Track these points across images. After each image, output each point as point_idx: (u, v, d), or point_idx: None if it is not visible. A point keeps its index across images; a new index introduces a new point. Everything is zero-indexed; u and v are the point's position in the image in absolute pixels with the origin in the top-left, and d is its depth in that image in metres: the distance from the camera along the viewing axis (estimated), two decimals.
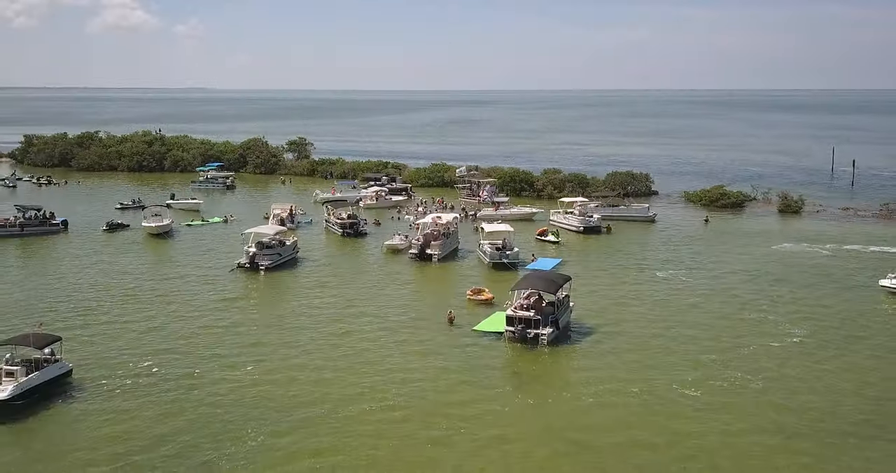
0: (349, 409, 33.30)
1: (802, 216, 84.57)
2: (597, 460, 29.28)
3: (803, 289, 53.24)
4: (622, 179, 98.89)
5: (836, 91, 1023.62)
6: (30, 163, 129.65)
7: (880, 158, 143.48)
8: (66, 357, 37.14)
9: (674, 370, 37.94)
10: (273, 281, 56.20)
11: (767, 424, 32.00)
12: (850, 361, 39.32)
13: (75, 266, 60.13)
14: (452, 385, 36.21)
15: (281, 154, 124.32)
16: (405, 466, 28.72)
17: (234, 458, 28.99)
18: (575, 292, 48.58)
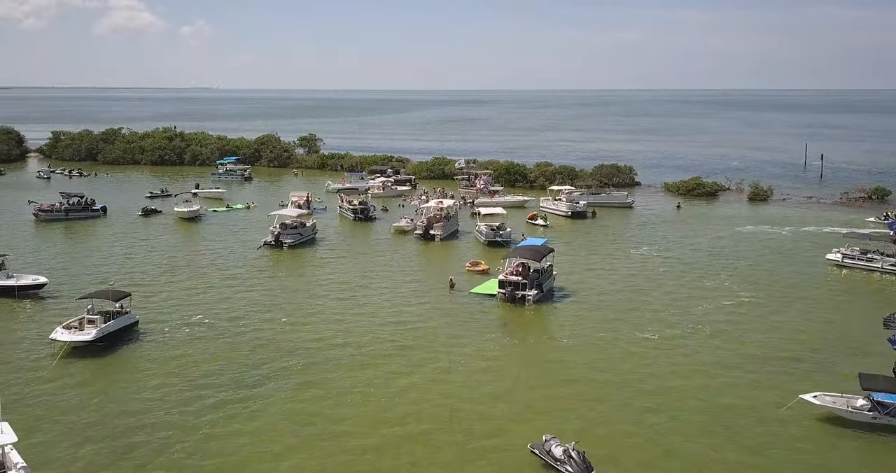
0: (369, 348, 40.24)
1: (769, 203, 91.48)
2: (567, 376, 36.22)
3: (758, 262, 60.26)
4: (608, 171, 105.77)
5: (830, 91, 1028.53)
6: (57, 157, 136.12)
7: (854, 154, 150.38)
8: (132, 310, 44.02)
9: (637, 321, 44.87)
10: (295, 256, 63.08)
11: (708, 358, 38.96)
12: (786, 314, 46.24)
13: (120, 244, 66.99)
14: (454, 331, 43.11)
15: (293, 149, 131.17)
16: (422, 381, 35.66)
17: (281, 377, 35.90)
18: (558, 263, 55.48)
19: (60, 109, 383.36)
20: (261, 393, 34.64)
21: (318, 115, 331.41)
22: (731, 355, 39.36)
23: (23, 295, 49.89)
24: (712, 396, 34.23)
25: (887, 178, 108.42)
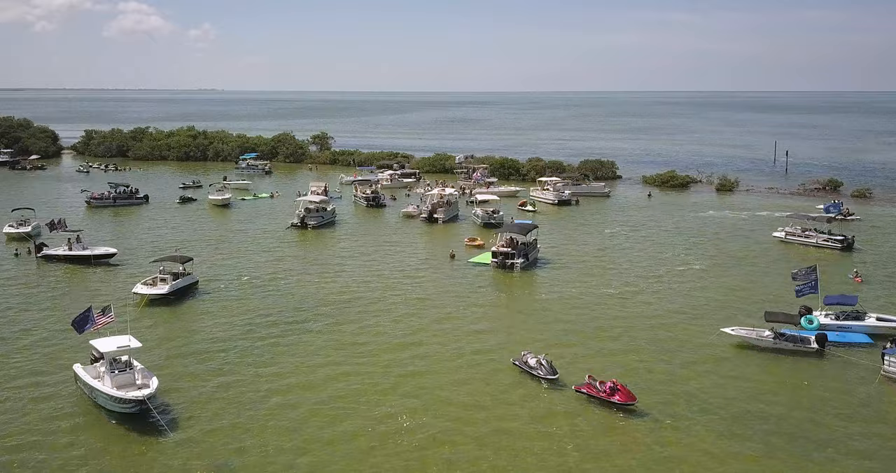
0: (386, 299, 48.86)
1: (735, 193, 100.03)
2: (544, 318, 44.80)
3: (714, 239, 68.92)
4: (592, 166, 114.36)
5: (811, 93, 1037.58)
6: (90, 154, 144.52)
7: (819, 151, 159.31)
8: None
9: (603, 281, 53.56)
10: (319, 235, 71.62)
11: (658, 306, 47.56)
12: (727, 277, 54.76)
13: (166, 225, 75.51)
14: (454, 288, 51.73)
15: (306, 146, 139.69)
16: (429, 320, 44.18)
17: (317, 318, 44.50)
18: (544, 240, 64.13)
19: (78, 110, 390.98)
20: (303, 327, 43.25)
21: (324, 116, 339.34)
22: (676, 304, 48.01)
23: (97, 262, 58.56)
24: (658, 331, 42.78)
25: (843, 172, 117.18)
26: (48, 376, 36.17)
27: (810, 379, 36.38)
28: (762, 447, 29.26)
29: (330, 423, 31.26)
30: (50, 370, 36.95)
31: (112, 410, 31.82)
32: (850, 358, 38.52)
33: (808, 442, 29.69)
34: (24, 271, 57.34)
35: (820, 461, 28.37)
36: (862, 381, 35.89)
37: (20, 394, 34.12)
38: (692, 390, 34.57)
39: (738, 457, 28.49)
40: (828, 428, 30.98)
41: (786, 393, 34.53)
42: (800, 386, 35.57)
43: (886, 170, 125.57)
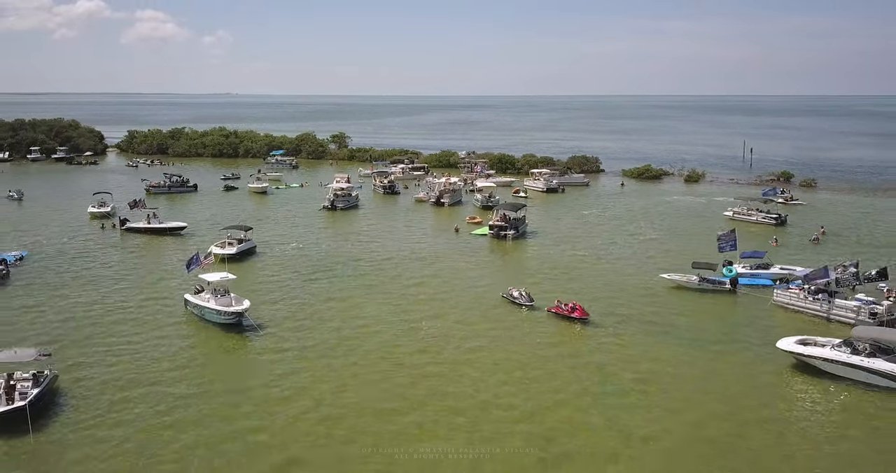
0: (404, 258, 60.40)
1: (700, 184, 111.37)
2: (528, 270, 56.27)
3: (672, 217, 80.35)
4: (578, 161, 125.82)
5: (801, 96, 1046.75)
6: (133, 151, 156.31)
7: (786, 149, 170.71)
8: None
9: (575, 245, 65.16)
10: (346, 215, 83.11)
11: (615, 261, 59.04)
12: (675, 243, 66.08)
13: (216, 207, 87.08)
14: (457, 252, 63.24)
15: (326, 144, 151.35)
16: (438, 271, 55.62)
17: (354, 269, 56.02)
18: (532, 219, 75.58)
19: (106, 113, 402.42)
20: (343, 274, 54.91)
21: (337, 118, 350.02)
22: (628, 260, 59.56)
23: (171, 233, 70.20)
24: (610, 276, 54.33)
25: (800, 167, 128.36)
26: (166, 302, 47.81)
27: (721, 306, 47.90)
28: (674, 343, 40.64)
29: (368, 326, 42.78)
30: (163, 297, 48.58)
31: (215, 321, 43.29)
32: (753, 295, 49.98)
33: (707, 342, 40.97)
34: (111, 241, 68.90)
35: (715, 350, 39.62)
36: (757, 308, 47.35)
37: (149, 309, 45.78)
38: (631, 312, 46.03)
39: (653, 347, 39.91)
40: (725, 334, 42.38)
41: (700, 315, 45.95)
42: (711, 311, 47.05)
43: (837, 164, 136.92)
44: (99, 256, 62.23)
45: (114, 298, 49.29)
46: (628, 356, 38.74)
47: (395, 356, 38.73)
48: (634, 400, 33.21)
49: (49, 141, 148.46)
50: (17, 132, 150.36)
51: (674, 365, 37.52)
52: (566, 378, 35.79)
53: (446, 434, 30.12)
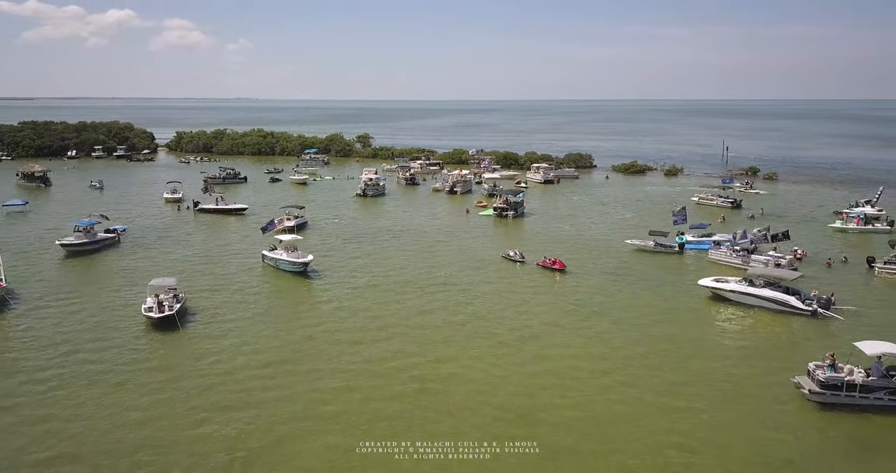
0: (423, 232, 72.58)
1: (678, 177, 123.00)
2: (525, 239, 68.30)
3: (646, 203, 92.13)
4: (573, 157, 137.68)
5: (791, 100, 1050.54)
6: (181, 150, 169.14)
7: (761, 148, 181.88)
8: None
9: (564, 222, 77.09)
10: (375, 201, 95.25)
11: (594, 231, 70.99)
12: (648, 220, 77.62)
13: (266, 195, 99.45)
14: (467, 229, 75.38)
15: (353, 144, 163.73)
16: (450, 239, 67.73)
17: (385, 238, 68.24)
18: (530, 204, 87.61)
19: (142, 117, 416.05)
20: (375, 241, 67.13)
21: (357, 121, 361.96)
22: (604, 232, 71.52)
23: (234, 214, 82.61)
24: (587, 242, 66.29)
25: (769, 163, 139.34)
26: (241, 256, 60.19)
27: (669, 262, 59.86)
28: (627, 284, 52.62)
29: (397, 270, 54.95)
30: (243, 258, 60.98)
31: (287, 269, 55.57)
32: (697, 256, 61.91)
33: (652, 284, 52.85)
34: (187, 219, 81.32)
35: (657, 288, 51.49)
36: (695, 264, 59.29)
37: (230, 261, 58.16)
38: (599, 265, 58.06)
39: (612, 287, 51.91)
40: (666, 279, 54.26)
41: (650, 268, 57.86)
42: (660, 265, 58.96)
43: (803, 161, 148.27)
44: (181, 229, 74.78)
45: (201, 255, 61.78)
46: (592, 291, 50.79)
47: (418, 288, 51.06)
48: (595, 317, 45.23)
49: (109, 140, 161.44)
50: (80, 133, 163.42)
51: (625, 297, 49.52)
52: (547, 303, 47.90)
53: (458, 328, 42.18)
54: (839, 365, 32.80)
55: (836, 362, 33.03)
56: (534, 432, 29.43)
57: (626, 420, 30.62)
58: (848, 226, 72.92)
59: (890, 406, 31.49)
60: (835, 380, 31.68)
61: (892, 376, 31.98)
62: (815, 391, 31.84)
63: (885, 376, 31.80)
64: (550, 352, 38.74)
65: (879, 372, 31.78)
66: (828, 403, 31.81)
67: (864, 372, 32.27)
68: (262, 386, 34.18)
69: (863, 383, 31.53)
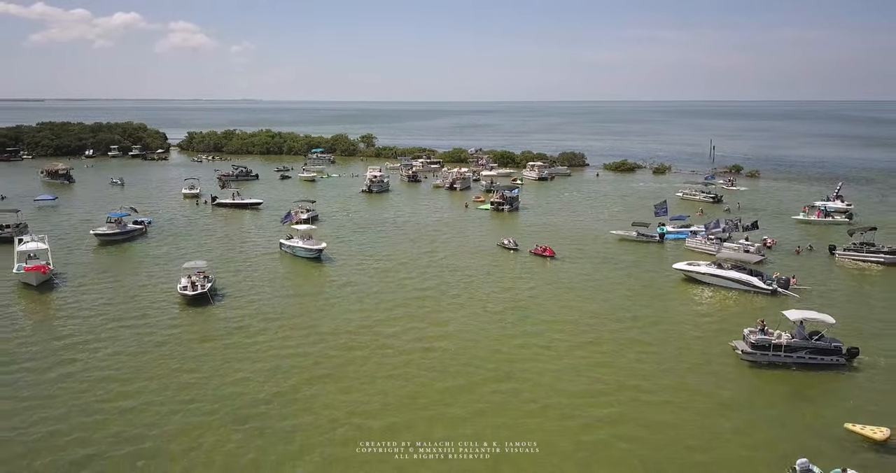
0: (426, 223, 77.22)
1: (666, 175, 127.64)
2: (519, 229, 72.93)
3: (634, 198, 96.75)
4: (567, 157, 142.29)
5: (780, 102, 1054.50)
6: (192, 149, 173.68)
7: (747, 147, 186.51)
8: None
9: (556, 214, 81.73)
10: (379, 196, 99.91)
11: (583, 219, 75.63)
12: (633, 215, 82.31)
13: (278, 190, 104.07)
14: (466, 221, 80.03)
15: (357, 144, 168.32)
16: (452, 230, 72.35)
17: (389, 226, 72.87)
18: (525, 198, 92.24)
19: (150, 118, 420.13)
20: (381, 231, 71.76)
21: (360, 122, 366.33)
22: (591, 223, 76.15)
23: (249, 208, 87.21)
24: (576, 233, 70.91)
25: (752, 161, 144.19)
26: (259, 245, 64.82)
27: (649, 249, 64.50)
28: (609, 269, 57.23)
29: (401, 254, 59.58)
30: (262, 246, 65.62)
31: (303, 256, 60.19)
32: (675, 244, 66.56)
33: (633, 268, 57.49)
34: (205, 212, 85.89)
35: (636, 272, 56.08)
36: (673, 251, 63.92)
37: (252, 250, 62.77)
38: (586, 252, 62.71)
39: (596, 270, 56.54)
40: (645, 264, 58.91)
41: (632, 255, 62.52)
42: (641, 252, 63.59)
43: (785, 159, 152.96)
44: (201, 221, 79.42)
45: (223, 244, 66.43)
46: (577, 274, 55.48)
47: (420, 271, 55.67)
48: (576, 295, 49.88)
49: (124, 140, 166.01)
50: (96, 133, 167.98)
51: (607, 279, 54.19)
52: (535, 283, 52.57)
53: (453, 301, 46.82)
54: (768, 330, 37.53)
55: (765, 327, 37.83)
56: (512, 384, 34.03)
57: (592, 372, 35.28)
58: (810, 218, 77.72)
59: (810, 363, 36.33)
60: (763, 342, 36.45)
61: (813, 338, 36.73)
62: (747, 351, 36.71)
63: (805, 338, 36.57)
64: (533, 320, 43.44)
65: (801, 335, 36.61)
66: (757, 361, 36.60)
67: (790, 336, 37.01)
68: (283, 346, 38.98)
69: (787, 344, 36.26)
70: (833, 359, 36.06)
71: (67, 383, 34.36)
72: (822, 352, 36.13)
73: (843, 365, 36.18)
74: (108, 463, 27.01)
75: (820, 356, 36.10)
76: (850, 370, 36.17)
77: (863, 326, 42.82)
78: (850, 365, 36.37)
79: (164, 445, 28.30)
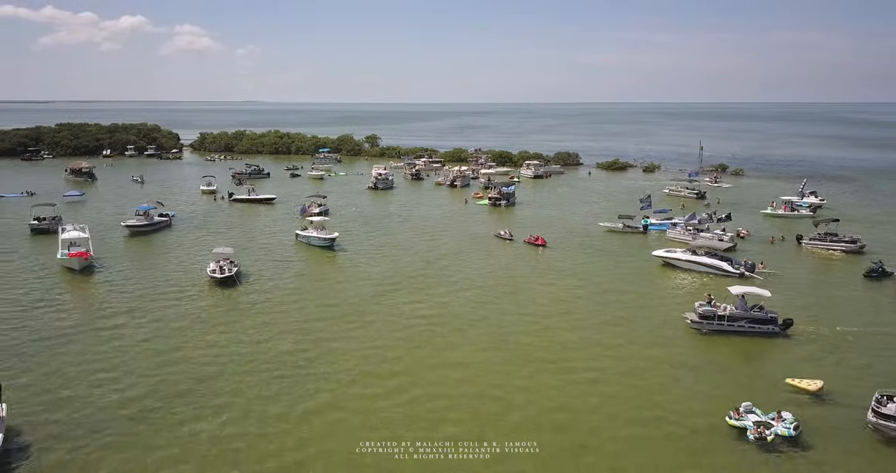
0: (429, 216, 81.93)
1: (655, 173, 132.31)
2: (516, 220, 77.61)
3: (622, 194, 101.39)
4: (562, 156, 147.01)
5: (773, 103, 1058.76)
6: (205, 149, 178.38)
7: (734, 147, 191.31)
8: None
9: (550, 208, 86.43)
10: (384, 193, 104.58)
11: (573, 218, 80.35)
12: (619, 207, 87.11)
13: (288, 188, 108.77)
14: (465, 216, 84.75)
15: (362, 144, 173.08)
16: (453, 222, 77.05)
17: (397, 217, 77.57)
18: (521, 194, 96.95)
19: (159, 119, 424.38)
20: (387, 224, 76.46)
21: (363, 124, 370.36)
22: (582, 216, 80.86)
23: (264, 203, 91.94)
24: (566, 225, 75.63)
25: (738, 161, 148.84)
26: (276, 235, 69.55)
27: (634, 239, 69.19)
28: (597, 256, 61.93)
29: (406, 243, 64.27)
30: (279, 237, 70.35)
31: (317, 244, 64.92)
32: (658, 234, 71.26)
33: (617, 256, 62.18)
34: (223, 207, 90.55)
35: (620, 258, 60.75)
36: (655, 241, 68.63)
37: (270, 239, 67.49)
38: (575, 241, 67.39)
39: (583, 257, 61.25)
40: (629, 251, 63.61)
41: (618, 244, 67.22)
42: (626, 242, 68.28)
43: (771, 159, 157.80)
44: (220, 214, 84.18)
45: (242, 234, 71.18)
46: (565, 260, 60.28)
47: (425, 258, 60.43)
48: (563, 276, 54.59)
49: (139, 141, 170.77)
50: (113, 134, 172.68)
51: (592, 264, 58.93)
52: (526, 267, 57.30)
53: (452, 282, 51.52)
54: (715, 303, 42.42)
55: (713, 300, 42.69)
56: (502, 351, 38.78)
57: (571, 338, 40.05)
58: (777, 212, 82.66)
59: (748, 332, 41.20)
60: (709, 312, 41.37)
61: (754, 310, 41.54)
62: (695, 321, 41.67)
63: (746, 310, 41.41)
64: (522, 298, 48.23)
65: (742, 307, 41.59)
66: (703, 329, 41.51)
67: (735, 308, 41.84)
68: (305, 318, 43.82)
69: (729, 314, 41.12)
70: (769, 328, 40.88)
71: (120, 341, 39.11)
72: (759, 322, 40.99)
73: (777, 334, 40.90)
74: (156, 400, 31.74)
75: (758, 325, 40.88)
76: (784, 337, 40.89)
77: (809, 302, 47.68)
78: (785, 334, 41.06)
79: (202, 386, 33.01)
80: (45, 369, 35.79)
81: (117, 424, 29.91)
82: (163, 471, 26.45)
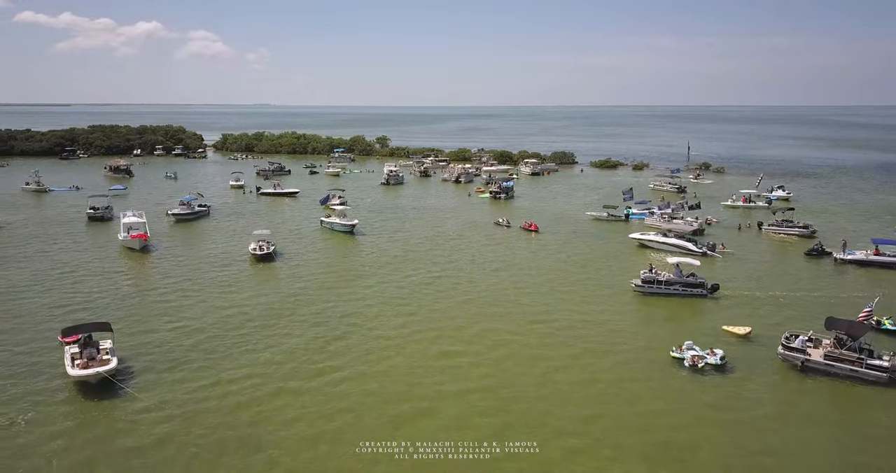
0: (435, 208, 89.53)
1: (644, 171, 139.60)
2: (513, 211, 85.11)
3: (610, 188, 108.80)
4: (558, 155, 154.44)
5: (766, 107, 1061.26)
6: (227, 149, 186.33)
7: (721, 148, 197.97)
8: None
9: (544, 202, 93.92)
10: (396, 188, 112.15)
11: (564, 209, 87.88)
12: (605, 199, 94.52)
13: (308, 183, 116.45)
14: (468, 207, 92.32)
15: (373, 144, 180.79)
16: (455, 213, 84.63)
17: (402, 210, 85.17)
18: (520, 189, 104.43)
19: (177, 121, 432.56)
20: (399, 214, 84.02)
21: (370, 126, 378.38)
22: (574, 208, 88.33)
23: (288, 197, 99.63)
24: (557, 214, 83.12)
25: (722, 160, 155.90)
26: (305, 227, 77.24)
27: (616, 226, 76.64)
28: (580, 239, 69.45)
29: (416, 229, 71.87)
30: (304, 224, 78.04)
31: (340, 230, 72.57)
32: (638, 222, 78.70)
33: (600, 239, 69.65)
34: (251, 200, 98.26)
35: (601, 241, 68.30)
36: (635, 227, 76.02)
37: (297, 227, 75.18)
38: (564, 228, 74.91)
39: (570, 240, 68.74)
40: (610, 236, 71.05)
41: (601, 230, 74.67)
42: (608, 228, 75.72)
43: (753, 158, 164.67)
44: (250, 206, 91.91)
45: (272, 222, 78.88)
46: (554, 242, 67.81)
47: (433, 240, 68.02)
48: (551, 256, 62.13)
49: (167, 141, 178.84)
50: (142, 135, 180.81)
51: (578, 245, 66.44)
52: (519, 248, 64.87)
53: (455, 260, 59.07)
54: (656, 271, 50.01)
55: (654, 269, 50.26)
56: (498, 319, 46.37)
57: (544, 298, 47.62)
58: (736, 204, 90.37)
59: (682, 294, 48.66)
60: (649, 278, 48.98)
61: (687, 277, 49.01)
62: (638, 285, 49.24)
63: (680, 276, 48.97)
64: (514, 273, 55.77)
65: (678, 275, 49.16)
66: (644, 292, 49.05)
67: (672, 275, 49.39)
68: (331, 290, 51.39)
69: (666, 280, 48.69)
70: (699, 291, 48.42)
71: (183, 301, 46.87)
72: (691, 286, 48.52)
73: (705, 296, 48.36)
74: (213, 342, 39.42)
75: (690, 288, 48.41)
76: (712, 299, 48.28)
77: (756, 274, 55.07)
78: (712, 296, 48.47)
79: (252, 333, 40.68)
80: (135, 318, 43.62)
81: (194, 354, 37.64)
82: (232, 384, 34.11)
